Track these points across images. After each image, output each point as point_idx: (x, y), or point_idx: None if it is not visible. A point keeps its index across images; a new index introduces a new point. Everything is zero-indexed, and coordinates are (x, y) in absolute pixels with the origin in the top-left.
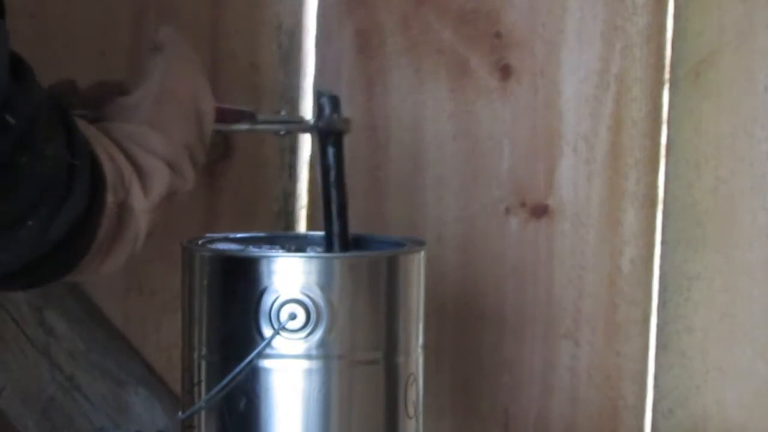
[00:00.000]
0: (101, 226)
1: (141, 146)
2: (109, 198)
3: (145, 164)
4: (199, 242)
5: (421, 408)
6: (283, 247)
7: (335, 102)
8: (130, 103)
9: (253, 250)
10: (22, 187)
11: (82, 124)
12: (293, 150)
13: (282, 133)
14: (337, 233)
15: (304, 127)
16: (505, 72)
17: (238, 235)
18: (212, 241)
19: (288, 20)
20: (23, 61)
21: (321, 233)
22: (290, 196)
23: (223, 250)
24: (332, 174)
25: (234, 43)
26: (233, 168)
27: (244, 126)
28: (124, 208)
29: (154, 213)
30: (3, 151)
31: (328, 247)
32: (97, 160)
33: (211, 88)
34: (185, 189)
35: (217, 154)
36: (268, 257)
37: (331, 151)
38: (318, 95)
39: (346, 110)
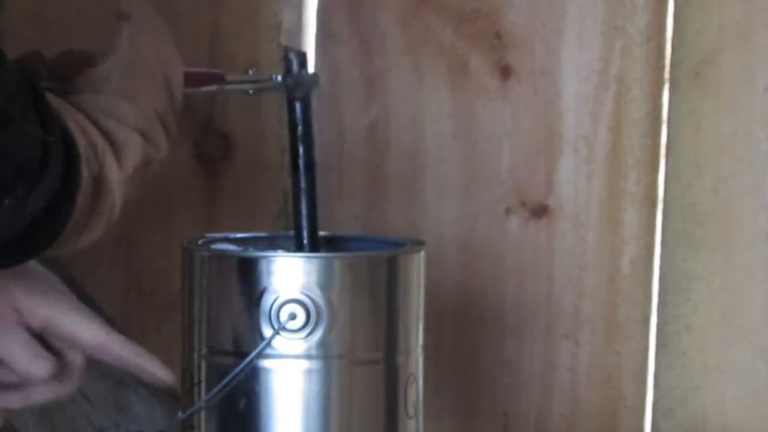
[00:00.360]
0: (77, 201)
1: (113, 117)
2: (84, 172)
3: (118, 135)
4: (199, 242)
5: (421, 408)
6: (283, 247)
7: (302, 58)
8: (99, 73)
9: (253, 250)
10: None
11: (52, 98)
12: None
13: (251, 92)
14: (304, 189)
15: (272, 84)
16: (505, 72)
17: (238, 235)
18: (212, 241)
19: (288, 20)
20: None
21: (321, 233)
22: (290, 196)
23: (223, 250)
24: (300, 129)
25: (234, 43)
26: (233, 168)
27: (212, 88)
28: (99, 182)
29: (129, 184)
30: None
31: (295, 207)
32: (69, 134)
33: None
34: (159, 157)
35: (217, 154)
36: (268, 257)
37: (299, 106)
38: (285, 51)
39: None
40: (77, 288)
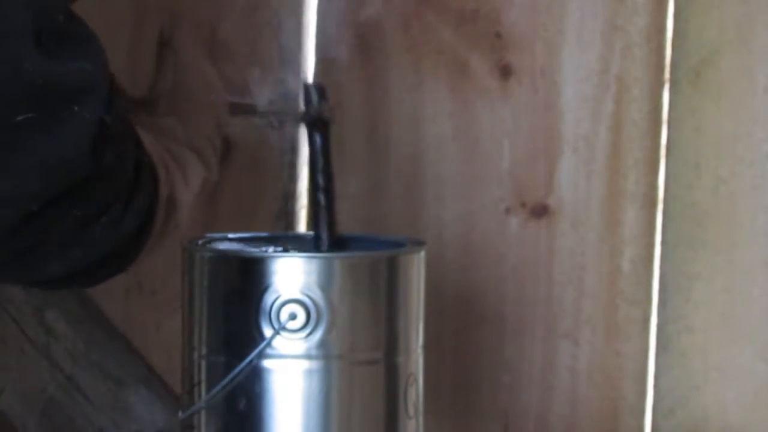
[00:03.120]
0: (156, 221)
1: (173, 139)
2: (163, 192)
3: (181, 156)
4: (199, 242)
5: (421, 408)
6: (283, 247)
7: (322, 91)
8: (147, 99)
9: (254, 250)
10: (103, 185)
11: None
12: (293, 150)
13: (276, 124)
14: (325, 221)
15: (295, 117)
16: (505, 72)
17: (238, 235)
18: (212, 241)
19: (288, 20)
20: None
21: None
22: (290, 196)
23: (223, 250)
24: (320, 161)
25: (234, 43)
26: (233, 168)
27: (243, 118)
28: (170, 202)
29: (192, 204)
30: (97, 149)
31: (316, 236)
32: (149, 155)
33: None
34: (212, 179)
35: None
36: (268, 257)
37: (318, 138)
38: (305, 85)
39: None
40: (77, 288)
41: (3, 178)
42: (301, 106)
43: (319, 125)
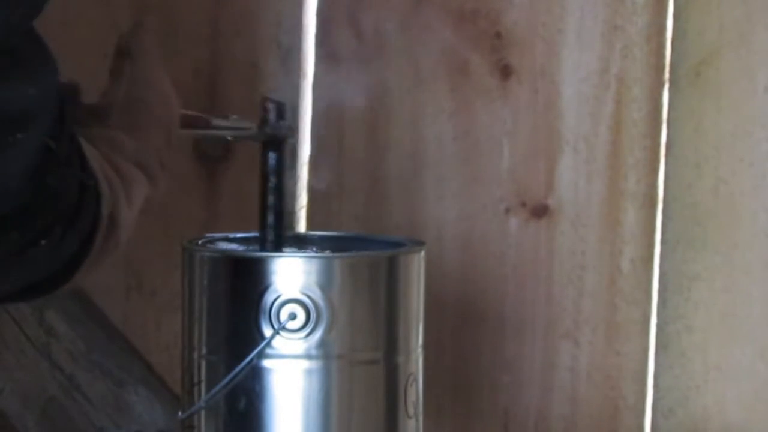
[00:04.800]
0: (97, 240)
1: (119, 153)
2: (104, 211)
3: (127, 173)
4: (199, 242)
5: (421, 408)
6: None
7: (281, 108)
8: (99, 107)
9: (253, 250)
10: (44, 209)
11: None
12: (293, 150)
13: (229, 138)
14: (271, 241)
15: (250, 134)
16: (505, 72)
17: (238, 235)
18: (212, 241)
19: (288, 20)
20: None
21: (321, 233)
22: (290, 196)
23: (223, 250)
24: (272, 180)
25: (234, 43)
26: (233, 168)
27: (196, 132)
28: (111, 220)
29: (133, 222)
30: (41, 174)
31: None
32: (94, 174)
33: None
34: (156, 195)
35: (217, 155)
36: (268, 257)
37: (272, 156)
38: (263, 100)
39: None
40: (77, 288)
41: None
42: (257, 123)
43: (274, 143)
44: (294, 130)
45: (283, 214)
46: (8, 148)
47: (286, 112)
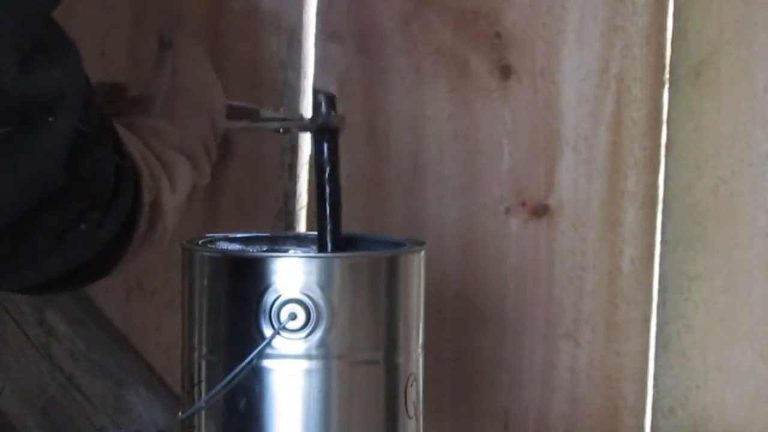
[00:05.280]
0: (139, 227)
1: (163, 141)
2: (146, 198)
3: (170, 160)
4: (199, 242)
5: (421, 408)
6: (283, 248)
7: (331, 100)
8: (143, 98)
9: (253, 250)
10: (79, 193)
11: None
12: (293, 150)
13: (281, 130)
14: (330, 230)
15: (302, 124)
16: (505, 72)
17: (238, 235)
18: (212, 241)
19: (288, 20)
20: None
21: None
22: (290, 196)
23: (223, 250)
24: (327, 170)
25: (234, 43)
26: (233, 168)
27: (245, 123)
28: (154, 207)
29: (180, 210)
30: (74, 157)
31: (321, 244)
32: (133, 159)
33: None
34: (202, 183)
35: (217, 155)
36: (269, 257)
37: (326, 147)
38: (315, 93)
39: (345, 110)
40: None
41: None
42: (309, 114)
43: (327, 134)
44: (344, 120)
45: (341, 203)
46: (42, 132)
47: (337, 102)
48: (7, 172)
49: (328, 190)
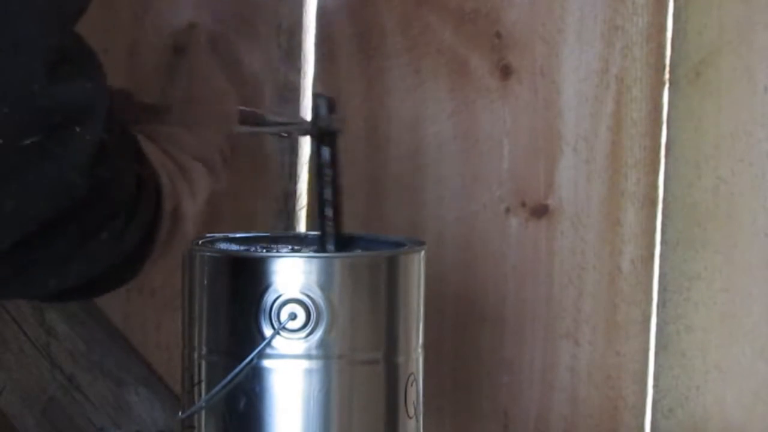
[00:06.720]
0: (161, 234)
1: (181, 149)
2: (167, 206)
3: (189, 168)
4: (199, 242)
5: (421, 408)
6: (283, 247)
7: (331, 103)
8: (157, 105)
9: (254, 250)
10: (101, 202)
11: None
12: (293, 150)
13: (284, 135)
14: (331, 233)
15: (303, 128)
16: (505, 72)
17: (238, 235)
18: (212, 241)
19: (288, 20)
20: None
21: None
22: (290, 196)
23: (224, 250)
24: (327, 173)
25: (234, 43)
26: (233, 168)
27: (252, 129)
28: (175, 214)
29: (199, 216)
30: (95, 168)
31: (321, 246)
32: (153, 167)
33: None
34: (219, 189)
35: None
36: (269, 257)
37: (326, 150)
38: (314, 97)
39: (345, 110)
40: None
41: (5, 200)
42: (308, 117)
43: (327, 137)
44: (345, 123)
45: (341, 206)
46: (69, 142)
47: (336, 106)
48: (33, 180)
49: (328, 192)
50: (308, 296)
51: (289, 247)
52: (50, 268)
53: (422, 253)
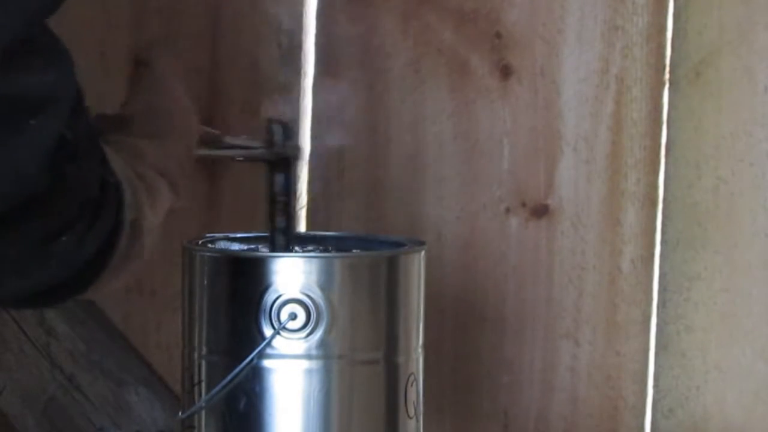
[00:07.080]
0: (119, 244)
1: (143, 161)
2: (128, 215)
3: (150, 181)
4: (199, 242)
5: (421, 408)
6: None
7: (287, 129)
8: (119, 117)
9: (254, 251)
10: (64, 202)
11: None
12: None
13: (239, 159)
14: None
15: (258, 154)
16: (505, 72)
17: (239, 235)
18: (212, 241)
19: (288, 20)
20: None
21: (321, 233)
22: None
23: (224, 250)
24: (280, 201)
25: (234, 43)
26: (233, 168)
27: (207, 151)
28: (135, 226)
29: (157, 231)
30: (57, 164)
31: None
32: (116, 176)
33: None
34: (178, 204)
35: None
36: (269, 257)
37: (281, 177)
38: (268, 122)
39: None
40: None
41: None
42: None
43: (282, 164)
44: (301, 150)
45: (293, 234)
46: (24, 133)
47: (292, 132)
48: None
49: (281, 222)
50: (308, 296)
51: (289, 247)
52: (10, 269)
53: (422, 253)
